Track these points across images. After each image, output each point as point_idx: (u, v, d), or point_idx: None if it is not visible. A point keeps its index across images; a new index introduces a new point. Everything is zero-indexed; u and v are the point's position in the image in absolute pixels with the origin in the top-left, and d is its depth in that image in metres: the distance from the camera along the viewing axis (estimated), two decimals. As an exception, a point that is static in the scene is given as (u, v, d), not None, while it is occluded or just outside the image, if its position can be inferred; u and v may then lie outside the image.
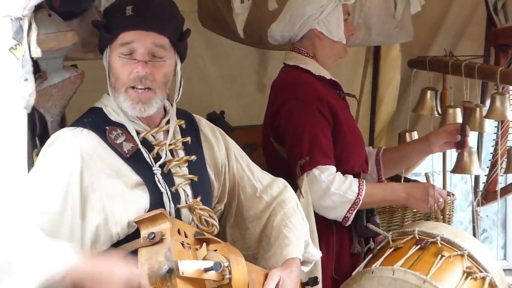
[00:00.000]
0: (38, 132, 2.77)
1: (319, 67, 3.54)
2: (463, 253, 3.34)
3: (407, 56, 4.55)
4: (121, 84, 2.62)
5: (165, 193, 2.66)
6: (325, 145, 3.41)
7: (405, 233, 3.49)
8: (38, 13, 2.61)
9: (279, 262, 2.87)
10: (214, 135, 2.92)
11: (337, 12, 3.50)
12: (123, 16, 2.62)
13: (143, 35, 2.61)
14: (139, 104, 2.63)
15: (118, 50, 2.62)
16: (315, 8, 3.47)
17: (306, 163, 3.35)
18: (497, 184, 4.30)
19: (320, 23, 3.49)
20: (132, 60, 2.61)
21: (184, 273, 2.42)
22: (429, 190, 3.53)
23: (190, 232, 2.61)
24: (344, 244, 3.54)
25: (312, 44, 3.54)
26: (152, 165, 2.67)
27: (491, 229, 7.04)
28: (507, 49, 4.15)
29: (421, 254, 3.34)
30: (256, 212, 2.98)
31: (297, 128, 3.40)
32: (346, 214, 3.42)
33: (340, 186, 3.38)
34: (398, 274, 3.22)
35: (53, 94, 2.77)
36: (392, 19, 4.16)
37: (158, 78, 2.64)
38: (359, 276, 3.34)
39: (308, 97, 3.42)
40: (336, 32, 3.51)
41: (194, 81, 4.66)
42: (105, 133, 2.63)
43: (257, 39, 4.07)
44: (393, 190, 3.62)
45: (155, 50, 2.63)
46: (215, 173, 2.89)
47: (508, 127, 4.25)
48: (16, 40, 2.46)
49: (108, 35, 2.64)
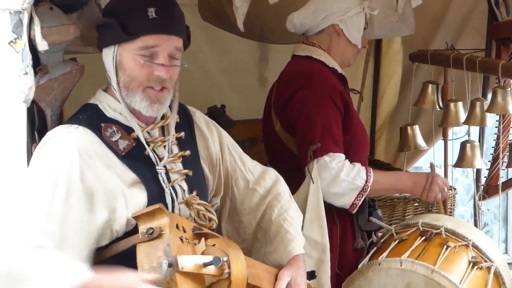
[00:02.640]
0: (37, 126, 2.75)
1: (331, 59, 3.57)
2: (467, 243, 3.36)
3: (409, 49, 4.55)
4: (138, 84, 2.60)
5: (167, 191, 2.65)
6: (337, 133, 3.43)
7: (409, 226, 3.51)
8: (39, 6, 2.60)
9: (284, 258, 2.87)
10: (208, 128, 2.91)
11: (360, 18, 3.59)
12: (145, 18, 2.57)
13: (167, 39, 2.59)
14: (157, 103, 2.62)
15: (137, 52, 2.58)
16: (340, 7, 3.54)
17: (318, 149, 3.36)
18: (499, 178, 4.30)
19: (342, 22, 3.55)
20: (154, 63, 2.58)
21: (183, 268, 2.41)
22: (435, 179, 3.55)
23: (189, 227, 2.60)
24: (347, 239, 3.54)
25: (329, 39, 3.59)
26: (155, 162, 2.66)
27: (492, 223, 7.04)
28: (508, 43, 4.15)
29: (427, 245, 3.35)
30: (250, 205, 2.97)
31: (310, 114, 3.41)
32: (354, 201, 3.43)
33: (349, 173, 3.39)
34: (406, 265, 3.23)
35: (54, 88, 2.75)
36: (394, 12, 4.15)
37: (174, 78, 2.66)
38: (366, 269, 3.34)
39: (323, 86, 3.45)
40: (355, 36, 3.58)
41: (195, 75, 4.65)
42: (101, 130, 2.61)
43: (258, 32, 4.06)
44: (400, 178, 3.66)
45: (175, 53, 2.63)
46: (209, 167, 2.88)
47: (509, 121, 4.25)
48: (15, 33, 2.45)
49: (126, 35, 2.58)
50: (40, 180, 2.48)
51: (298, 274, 2.82)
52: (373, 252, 3.45)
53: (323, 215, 3.35)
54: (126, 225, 2.56)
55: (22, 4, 2.43)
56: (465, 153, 4.05)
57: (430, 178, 3.56)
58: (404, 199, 3.92)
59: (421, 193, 3.58)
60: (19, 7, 2.43)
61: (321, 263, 3.35)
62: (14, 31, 2.45)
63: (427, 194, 3.57)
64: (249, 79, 4.98)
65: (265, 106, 3.72)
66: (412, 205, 3.98)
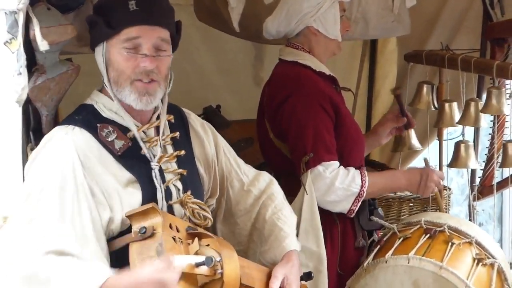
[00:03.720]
0: (32, 126, 2.76)
1: (318, 62, 3.52)
2: (471, 240, 3.38)
3: (404, 50, 4.54)
4: (125, 78, 2.61)
5: (159, 189, 2.65)
6: (329, 140, 3.40)
7: (411, 224, 3.51)
8: (36, 6, 2.61)
9: (278, 255, 2.88)
10: (203, 129, 2.92)
11: (334, 10, 3.48)
12: (126, 11, 2.60)
13: (149, 30, 2.61)
14: (146, 96, 2.63)
15: (121, 45, 2.60)
16: (312, 5, 3.45)
17: (310, 160, 3.34)
18: (493, 178, 4.30)
19: (316, 21, 3.47)
20: (138, 54, 2.60)
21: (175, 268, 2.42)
22: (430, 175, 3.55)
23: (182, 226, 2.61)
24: (348, 238, 3.53)
25: (307, 40, 3.53)
26: (150, 160, 2.66)
27: (487, 223, 7.06)
28: (503, 43, 4.15)
29: (431, 242, 3.36)
30: (245, 207, 2.99)
31: (300, 124, 3.39)
32: (351, 207, 3.42)
33: (344, 180, 3.38)
34: (413, 262, 3.23)
35: (51, 88, 2.76)
36: (390, 12, 4.16)
37: (163, 71, 2.65)
38: (372, 267, 3.33)
39: (311, 92, 3.41)
40: (332, 30, 3.50)
41: (190, 75, 4.66)
42: (97, 131, 2.62)
43: (253, 32, 4.06)
44: (394, 177, 3.65)
45: (160, 44, 2.63)
46: (204, 167, 2.89)
47: (504, 121, 4.25)
48: (10, 34, 2.46)
49: (110, 30, 2.61)
50: (45, 183, 2.48)
51: (292, 272, 2.82)
52: (377, 250, 3.44)
53: (318, 225, 3.34)
54: (121, 224, 2.57)
55: (18, 4, 2.43)
56: (459, 153, 4.06)
57: (424, 174, 3.55)
58: (399, 199, 3.94)
59: (417, 190, 3.58)
60: (14, 7, 2.43)
61: (318, 273, 3.32)
62: (9, 32, 2.45)
63: (423, 190, 3.56)
64: (244, 79, 4.98)
65: (258, 109, 3.69)
66: (407, 205, 3.99)
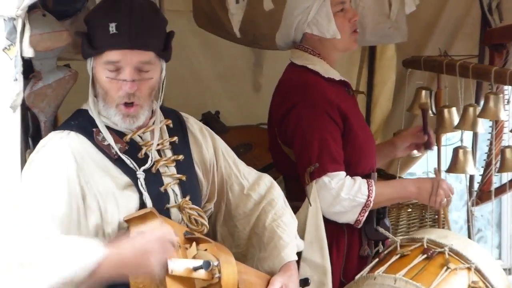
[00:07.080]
0: (31, 133, 2.77)
1: (327, 67, 3.48)
2: (470, 266, 3.28)
3: (402, 56, 4.55)
4: (111, 100, 2.63)
5: (146, 196, 2.65)
6: (335, 150, 3.35)
7: (414, 240, 3.42)
8: (32, 13, 2.61)
9: (276, 265, 2.89)
10: (202, 133, 2.92)
11: (325, 8, 3.41)
12: (107, 33, 2.59)
13: (129, 54, 2.59)
14: (128, 118, 2.65)
15: (104, 67, 2.61)
16: (301, 11, 3.41)
17: (315, 170, 3.31)
18: (492, 183, 4.30)
19: (310, 25, 3.43)
20: (119, 80, 2.60)
21: (173, 272, 2.43)
22: (441, 183, 3.51)
23: (180, 231, 2.61)
24: (353, 246, 3.50)
25: (313, 44, 3.49)
26: (136, 170, 2.67)
27: (486, 229, 7.05)
28: (501, 49, 4.15)
29: (427, 264, 3.28)
30: (244, 211, 2.99)
31: (306, 134, 3.35)
32: (357, 217, 3.38)
33: (350, 191, 3.34)
34: (399, 284, 3.18)
35: (48, 94, 2.77)
36: (387, 19, 4.15)
37: (144, 92, 2.65)
38: (362, 281, 3.30)
39: (317, 101, 3.37)
40: (327, 29, 3.42)
41: (188, 81, 4.66)
42: (93, 135, 2.64)
43: (251, 38, 4.07)
44: (403, 186, 3.59)
45: (141, 66, 2.62)
46: (203, 172, 2.90)
47: (502, 127, 4.25)
48: (9, 40, 2.46)
49: (92, 50, 2.62)
50: (40, 185, 2.50)
51: (290, 281, 2.85)
52: (375, 263, 3.40)
53: (323, 237, 3.30)
54: (118, 228, 2.58)
55: (16, 11, 2.43)
56: (458, 158, 4.05)
57: (436, 182, 3.51)
58: (397, 204, 3.93)
59: (429, 198, 3.52)
60: (13, 14, 2.44)
61: (323, 285, 3.31)
62: (8, 38, 2.46)
63: (434, 198, 3.50)
64: (243, 85, 4.98)
65: (269, 112, 3.63)
66: (405, 210, 3.98)
